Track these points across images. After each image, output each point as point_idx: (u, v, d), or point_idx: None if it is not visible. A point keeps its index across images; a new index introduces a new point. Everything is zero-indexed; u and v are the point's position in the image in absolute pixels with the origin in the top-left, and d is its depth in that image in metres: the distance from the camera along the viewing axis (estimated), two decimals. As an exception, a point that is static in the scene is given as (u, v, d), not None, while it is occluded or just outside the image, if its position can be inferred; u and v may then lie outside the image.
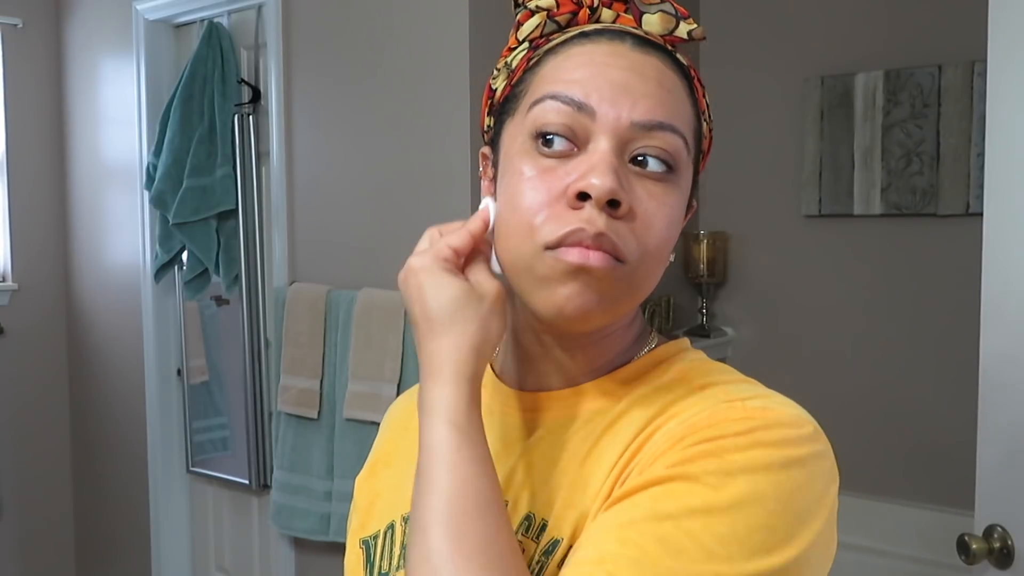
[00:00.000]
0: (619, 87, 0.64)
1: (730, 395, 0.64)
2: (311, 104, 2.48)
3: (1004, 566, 1.29)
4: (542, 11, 0.70)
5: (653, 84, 0.65)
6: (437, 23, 2.19)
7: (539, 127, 0.65)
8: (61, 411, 3.37)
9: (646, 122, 0.64)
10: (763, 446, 0.59)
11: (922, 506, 2.41)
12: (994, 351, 1.32)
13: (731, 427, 0.60)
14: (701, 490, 0.57)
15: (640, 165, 0.64)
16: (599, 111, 0.63)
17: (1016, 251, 1.30)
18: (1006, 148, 1.31)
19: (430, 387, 0.65)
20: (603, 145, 0.63)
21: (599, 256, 0.62)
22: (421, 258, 0.68)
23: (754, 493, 0.57)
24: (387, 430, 0.88)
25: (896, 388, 2.49)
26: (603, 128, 0.63)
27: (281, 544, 2.58)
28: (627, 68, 0.65)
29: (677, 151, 0.65)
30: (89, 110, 3.21)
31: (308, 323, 2.40)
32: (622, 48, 0.66)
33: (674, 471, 0.59)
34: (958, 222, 2.35)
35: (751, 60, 2.72)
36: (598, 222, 0.61)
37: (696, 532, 0.56)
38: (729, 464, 0.58)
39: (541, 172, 0.64)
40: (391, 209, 2.32)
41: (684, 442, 0.60)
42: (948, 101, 2.35)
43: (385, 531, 0.78)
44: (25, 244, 3.26)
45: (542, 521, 0.67)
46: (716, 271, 2.73)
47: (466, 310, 0.66)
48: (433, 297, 0.66)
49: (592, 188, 0.61)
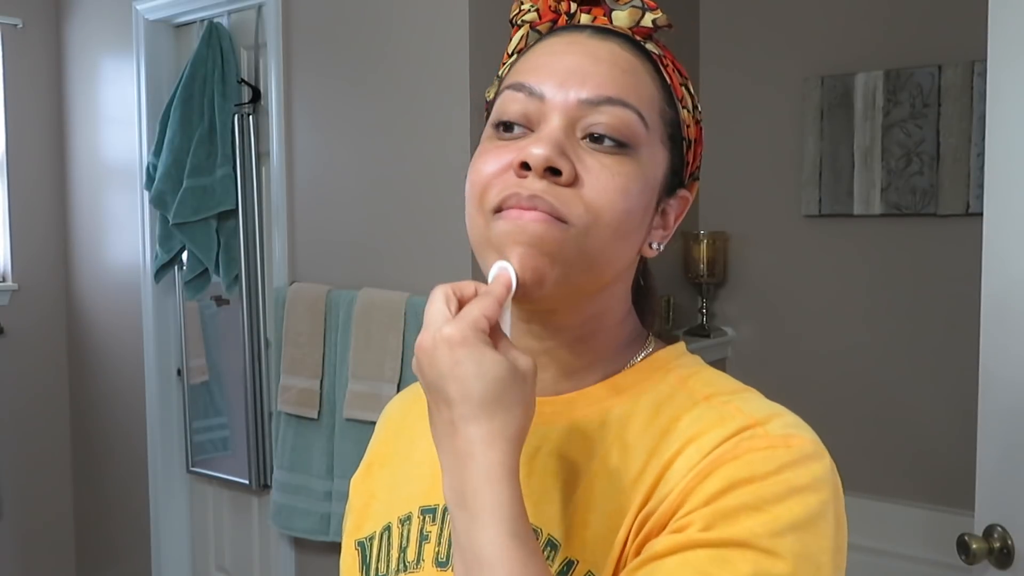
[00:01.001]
0: (569, 70, 0.66)
1: (744, 415, 0.64)
2: (311, 104, 2.48)
3: (1004, 566, 1.29)
4: (525, 24, 0.73)
5: (606, 64, 0.67)
6: (437, 23, 2.19)
7: (498, 115, 0.68)
8: (61, 411, 3.37)
9: (594, 98, 0.65)
10: (799, 492, 0.60)
11: (922, 506, 2.41)
12: (994, 351, 1.32)
13: (761, 465, 0.60)
14: (756, 558, 0.57)
15: (595, 141, 0.66)
16: (547, 94, 0.66)
17: (1016, 251, 1.30)
18: (1006, 148, 1.31)
19: (476, 485, 0.57)
20: (553, 123, 0.65)
21: (534, 215, 0.63)
22: (455, 329, 0.59)
23: (804, 552, 0.58)
24: (383, 430, 0.87)
25: (896, 388, 2.49)
26: (553, 108, 0.66)
27: (281, 544, 2.58)
28: (580, 53, 0.67)
29: (629, 125, 0.66)
30: (89, 110, 3.21)
31: (308, 323, 2.40)
32: (579, 37, 0.69)
33: (720, 534, 0.58)
34: (958, 222, 2.35)
35: (751, 60, 2.72)
36: (533, 186, 0.63)
37: None
38: (775, 521, 0.58)
39: (494, 150, 0.67)
40: (391, 209, 2.32)
41: (713, 482, 0.60)
42: (948, 101, 2.35)
43: (381, 532, 0.77)
44: (25, 244, 3.26)
45: (548, 537, 0.66)
46: (716, 271, 2.73)
47: (512, 393, 0.59)
48: (476, 376, 0.58)
49: (529, 156, 0.63)
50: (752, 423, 0.63)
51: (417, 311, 2.17)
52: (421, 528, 0.73)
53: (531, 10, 0.73)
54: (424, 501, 0.75)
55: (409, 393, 0.89)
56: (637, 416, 0.68)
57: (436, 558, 0.72)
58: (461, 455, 0.58)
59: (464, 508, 0.58)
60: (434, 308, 0.62)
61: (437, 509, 0.73)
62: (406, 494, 0.77)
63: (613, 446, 0.67)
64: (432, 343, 0.60)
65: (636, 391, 0.70)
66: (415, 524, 0.74)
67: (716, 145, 2.75)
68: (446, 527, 0.71)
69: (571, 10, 0.72)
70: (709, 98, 2.78)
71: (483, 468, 0.57)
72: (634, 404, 0.69)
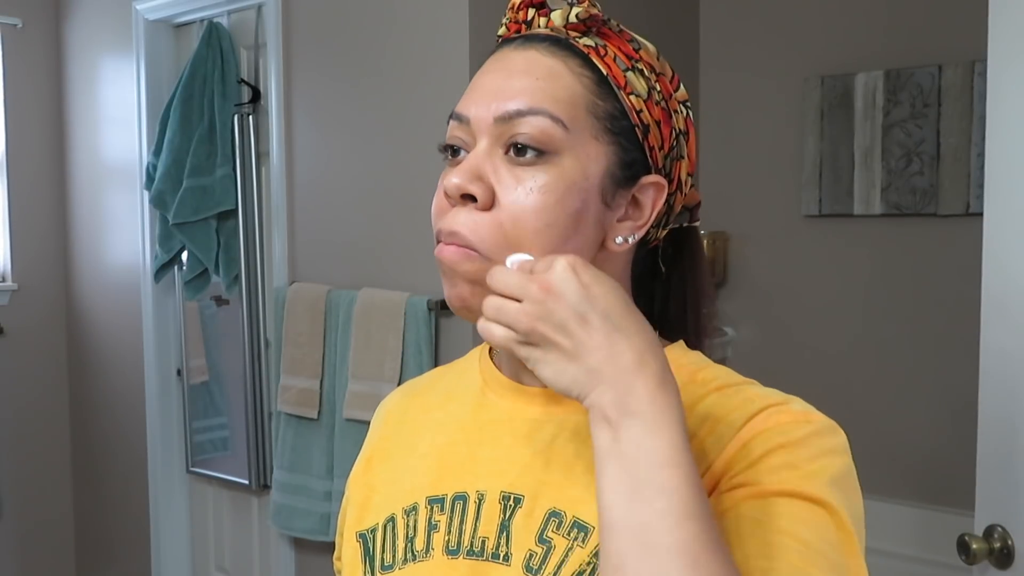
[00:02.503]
0: (487, 91, 0.70)
1: (760, 398, 0.67)
2: (311, 104, 2.48)
3: (1004, 566, 1.29)
4: (499, 38, 0.76)
5: (518, 77, 0.69)
6: (437, 23, 2.19)
7: (445, 142, 0.72)
8: (61, 411, 3.37)
9: (504, 114, 0.68)
10: (829, 454, 0.64)
11: (922, 506, 2.41)
12: (994, 350, 1.32)
13: (792, 432, 0.64)
14: (803, 503, 0.60)
15: (518, 153, 0.68)
16: (471, 117, 0.69)
17: (1016, 251, 1.30)
18: (1006, 148, 1.31)
19: (650, 391, 0.57)
20: (478, 146, 0.69)
21: (450, 251, 0.68)
22: (565, 259, 0.59)
23: (843, 499, 0.62)
24: (382, 425, 0.87)
25: (896, 387, 2.49)
26: (478, 130, 0.69)
27: (281, 544, 2.58)
28: (497, 70, 0.71)
29: (544, 131, 0.67)
30: (89, 110, 3.21)
31: (308, 323, 2.40)
32: (504, 52, 0.72)
33: (768, 488, 0.61)
34: (958, 222, 2.35)
35: (751, 60, 2.72)
36: (450, 219, 0.68)
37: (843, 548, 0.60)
38: (813, 476, 0.62)
39: (443, 176, 0.70)
40: (391, 209, 2.32)
41: (752, 449, 0.63)
42: (948, 101, 2.35)
43: (385, 524, 0.77)
44: (25, 244, 3.26)
45: (574, 519, 0.67)
46: (716, 271, 2.73)
47: (632, 303, 0.60)
48: (610, 289, 0.59)
49: (447, 187, 0.68)
50: (773, 403, 0.67)
51: (417, 311, 2.17)
52: (429, 518, 0.74)
53: (503, 24, 0.76)
54: (431, 491, 0.75)
55: (406, 389, 0.90)
56: None
57: (446, 546, 0.72)
58: (631, 368, 0.57)
59: (635, 416, 0.56)
60: (512, 272, 0.60)
61: (445, 499, 0.74)
62: (410, 486, 0.77)
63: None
64: (558, 277, 0.58)
65: None
66: (422, 514, 0.75)
67: (716, 145, 2.76)
68: (455, 516, 0.73)
69: (528, 18, 0.74)
70: (709, 98, 2.78)
71: (656, 375, 0.57)
72: None
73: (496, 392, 0.77)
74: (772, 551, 0.59)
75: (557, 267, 0.58)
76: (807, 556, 0.58)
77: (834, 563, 0.59)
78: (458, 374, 0.84)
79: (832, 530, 0.60)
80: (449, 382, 0.85)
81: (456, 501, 0.73)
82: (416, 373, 2.11)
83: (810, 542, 0.59)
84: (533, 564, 0.68)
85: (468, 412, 0.78)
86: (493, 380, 0.78)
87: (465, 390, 0.81)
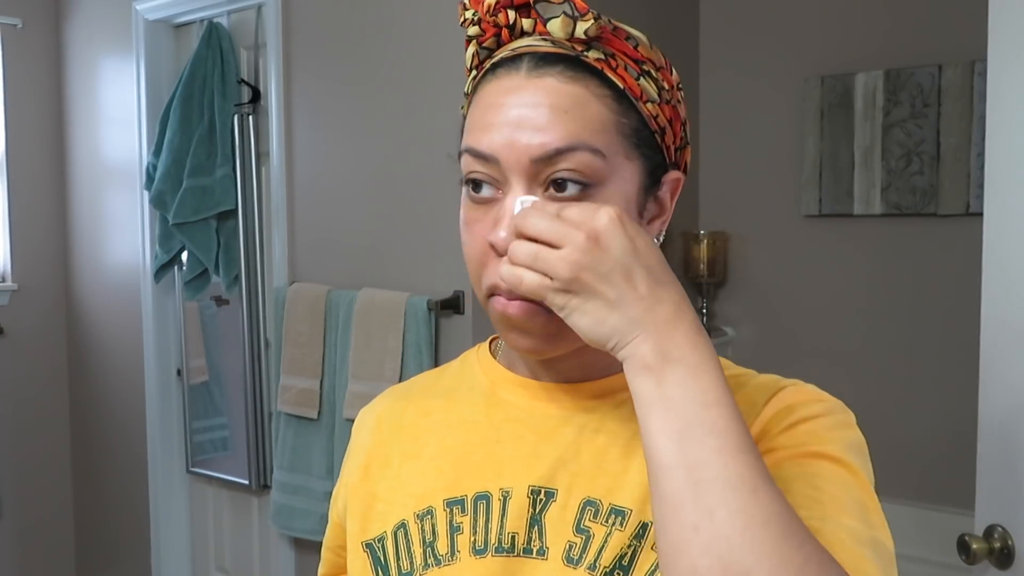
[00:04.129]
0: (513, 127, 0.66)
1: (775, 381, 0.73)
2: (311, 104, 2.48)
3: (1004, 566, 1.29)
4: (473, 39, 0.73)
5: (545, 111, 0.66)
6: (437, 23, 2.19)
7: (465, 175, 0.70)
8: (61, 411, 3.37)
9: (543, 155, 0.65)
10: (845, 427, 0.69)
11: (922, 506, 2.41)
12: (994, 350, 1.32)
13: (810, 409, 0.69)
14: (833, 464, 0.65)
15: (559, 189, 0.66)
16: (501, 157, 0.66)
17: (1016, 251, 1.30)
18: (1006, 148, 1.31)
19: (691, 338, 0.59)
20: (514, 189, 0.67)
21: (517, 307, 0.66)
22: (608, 211, 0.60)
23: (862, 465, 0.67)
24: (376, 432, 0.85)
25: (896, 387, 2.49)
26: (510, 171, 0.66)
27: (281, 544, 2.58)
28: (519, 104, 0.67)
29: (587, 165, 0.66)
30: (89, 110, 3.21)
31: (308, 323, 2.39)
32: (517, 80, 0.68)
33: (799, 451, 0.66)
34: (958, 222, 2.35)
35: (751, 60, 2.72)
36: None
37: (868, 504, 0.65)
38: (835, 442, 0.67)
39: (471, 222, 0.70)
40: (391, 209, 2.32)
41: (775, 423, 0.68)
42: (948, 101, 2.35)
43: (395, 531, 0.76)
44: (25, 244, 3.26)
45: (611, 506, 0.69)
46: (716, 271, 2.73)
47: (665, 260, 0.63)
48: (649, 243, 0.61)
49: (496, 243, 0.66)
50: (788, 383, 0.72)
51: (417, 311, 2.17)
52: (450, 520, 0.73)
53: (474, 21, 0.72)
54: (448, 494, 0.75)
55: (396, 394, 0.88)
56: None
57: (473, 547, 0.72)
58: (670, 318, 0.59)
59: (679, 362, 0.58)
60: (551, 218, 0.60)
61: (466, 499, 0.74)
62: (420, 490, 0.76)
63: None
64: (606, 226, 0.59)
65: None
66: (440, 518, 0.74)
67: (716, 145, 2.76)
68: (479, 516, 0.72)
69: (510, 22, 0.70)
70: (709, 98, 2.78)
71: (693, 323, 0.60)
72: None
73: (509, 391, 0.77)
74: (813, 502, 0.62)
75: (604, 217, 0.59)
76: (843, 506, 0.63)
77: (862, 514, 0.64)
78: (456, 376, 0.83)
79: (855, 488, 0.65)
80: (447, 384, 0.84)
81: (478, 501, 0.73)
82: (416, 373, 2.10)
83: (839, 497, 0.63)
84: (573, 555, 0.68)
85: (480, 413, 0.78)
86: (503, 379, 0.78)
87: (469, 391, 0.80)
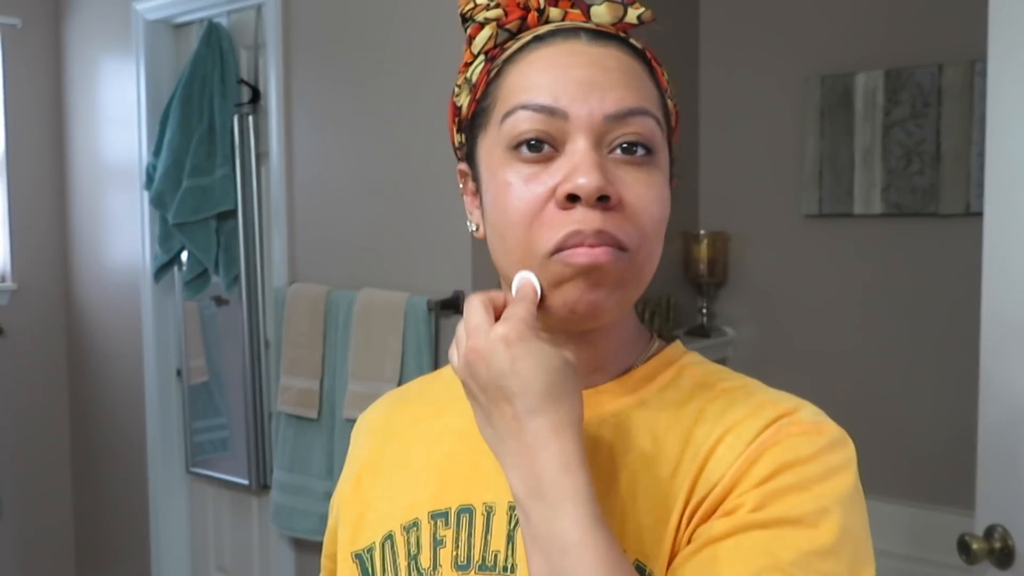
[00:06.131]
0: (585, 84, 0.65)
1: (772, 404, 0.67)
2: (311, 104, 2.48)
3: (1005, 566, 1.29)
4: (491, 22, 0.70)
5: (617, 73, 0.66)
6: (437, 23, 2.19)
7: (515, 137, 0.66)
8: (61, 411, 3.37)
9: (618, 112, 0.65)
10: (837, 472, 0.63)
11: (922, 506, 2.41)
12: (994, 350, 1.32)
13: (802, 449, 0.63)
14: (805, 533, 0.60)
15: (626, 152, 0.65)
16: (571, 111, 0.65)
17: (1016, 251, 1.30)
18: (1006, 148, 1.31)
19: (553, 474, 0.58)
20: (581, 144, 0.64)
21: (605, 251, 0.63)
22: (509, 328, 0.61)
23: (846, 525, 0.61)
24: (369, 439, 0.84)
25: (896, 387, 2.49)
26: (578, 127, 0.64)
27: (281, 544, 2.58)
28: (588, 64, 0.66)
29: (652, 132, 0.66)
30: (89, 110, 3.21)
31: (308, 323, 2.39)
32: (578, 45, 0.67)
33: (770, 514, 0.60)
34: (958, 222, 2.35)
35: (751, 60, 2.72)
36: (594, 219, 0.63)
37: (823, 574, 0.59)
38: (819, 498, 0.61)
39: (525, 179, 0.65)
40: (391, 209, 2.32)
41: (760, 468, 0.62)
42: (948, 101, 2.35)
43: (383, 542, 0.75)
44: (25, 244, 3.26)
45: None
46: (716, 271, 2.73)
47: (570, 382, 0.61)
48: (537, 369, 0.59)
49: (580, 188, 0.62)
50: (784, 412, 0.66)
51: (417, 311, 2.17)
52: (433, 533, 0.72)
53: (492, 6, 0.70)
54: (433, 506, 0.73)
55: (390, 399, 0.88)
56: (661, 410, 0.69)
57: (455, 562, 0.70)
58: (532, 448, 0.59)
59: (541, 499, 0.58)
60: (475, 315, 0.63)
61: (449, 512, 0.72)
62: (408, 501, 0.75)
63: (644, 439, 0.68)
64: (488, 344, 0.61)
65: (652, 387, 0.71)
66: (425, 530, 0.73)
67: (716, 145, 2.76)
68: (463, 530, 0.71)
69: (540, 5, 0.70)
70: (709, 98, 2.78)
71: (557, 457, 0.58)
72: (654, 398, 0.70)
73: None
74: None
75: (493, 334, 0.61)
76: None
77: None
78: (447, 383, 0.81)
79: (812, 554, 0.59)
80: (438, 391, 0.82)
81: (461, 514, 0.71)
82: (416, 373, 2.11)
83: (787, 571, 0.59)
84: None
85: (467, 423, 0.74)
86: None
87: (458, 399, 0.76)
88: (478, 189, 0.72)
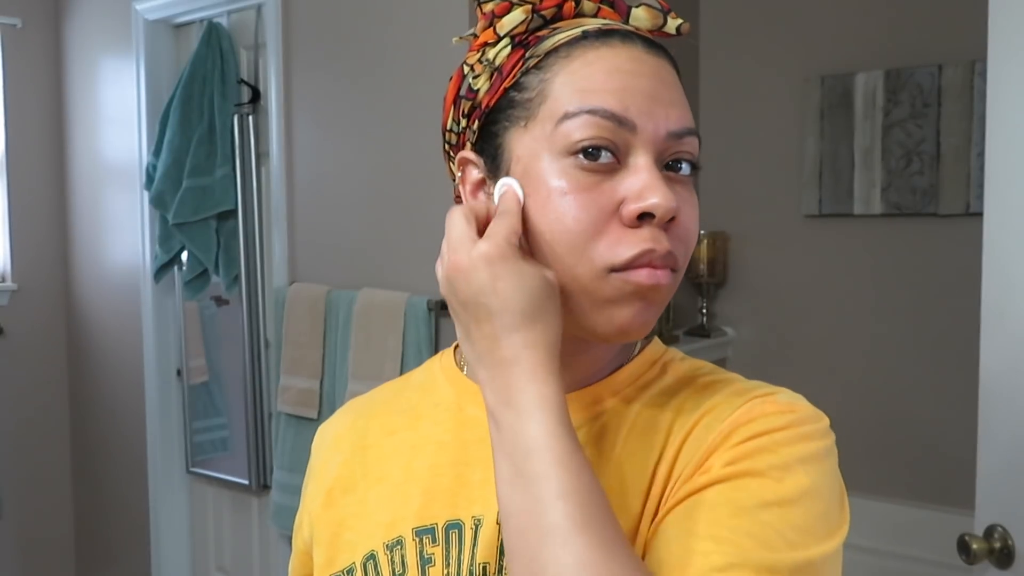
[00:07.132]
0: (650, 97, 0.64)
1: (748, 391, 0.67)
2: (311, 104, 2.48)
3: (1005, 566, 1.29)
4: (525, 4, 0.66)
5: (675, 90, 0.66)
6: (437, 23, 2.19)
7: (578, 142, 0.62)
8: (61, 411, 3.37)
9: (679, 130, 0.65)
10: (807, 439, 0.63)
11: (922, 506, 2.41)
12: (995, 351, 1.32)
13: (774, 421, 0.63)
14: (769, 484, 0.60)
15: (674, 170, 0.65)
16: (639, 124, 0.63)
17: (1016, 251, 1.29)
18: (1006, 148, 1.31)
19: (522, 384, 0.59)
20: (643, 160, 0.63)
21: (666, 274, 0.63)
22: (491, 245, 0.61)
23: (812, 483, 0.61)
24: (337, 453, 0.80)
25: (896, 388, 2.49)
26: (644, 141, 0.63)
27: (281, 544, 2.58)
28: (651, 76, 0.65)
29: (696, 151, 0.67)
30: (89, 110, 3.21)
31: (308, 323, 2.40)
32: (638, 52, 0.65)
33: (738, 468, 0.61)
34: (958, 222, 2.35)
35: (751, 60, 2.72)
36: (664, 241, 0.63)
37: (775, 524, 0.58)
38: (786, 457, 0.61)
39: (584, 189, 0.62)
40: (391, 209, 2.32)
41: (733, 438, 0.63)
42: (948, 101, 2.35)
43: (364, 563, 0.72)
44: (25, 244, 3.26)
45: None
46: (716, 271, 2.73)
47: (549, 302, 0.61)
48: (517, 288, 0.60)
49: (657, 208, 0.61)
50: (760, 393, 0.66)
51: (417, 311, 2.17)
52: (420, 551, 0.69)
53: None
54: (417, 522, 0.70)
55: (356, 410, 0.83)
56: (646, 406, 0.69)
57: None
58: (505, 362, 0.60)
59: (509, 406, 0.59)
60: (457, 229, 0.63)
61: (436, 528, 0.69)
62: (389, 518, 0.72)
63: (631, 435, 0.68)
64: (469, 262, 0.61)
65: (637, 385, 0.71)
66: (410, 548, 0.70)
67: (716, 145, 2.76)
68: (452, 547, 0.69)
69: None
70: (709, 98, 2.78)
71: (528, 369, 0.59)
72: (640, 395, 0.70)
73: (477, 406, 0.71)
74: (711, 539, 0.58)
75: (475, 252, 0.61)
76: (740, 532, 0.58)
77: (762, 535, 0.58)
78: (420, 390, 0.79)
79: (770, 502, 0.59)
80: (411, 399, 0.79)
81: (450, 530, 0.69)
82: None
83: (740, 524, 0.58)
84: None
85: (448, 432, 0.73)
86: (469, 393, 0.73)
87: (435, 407, 0.76)
88: (487, 181, 0.68)
